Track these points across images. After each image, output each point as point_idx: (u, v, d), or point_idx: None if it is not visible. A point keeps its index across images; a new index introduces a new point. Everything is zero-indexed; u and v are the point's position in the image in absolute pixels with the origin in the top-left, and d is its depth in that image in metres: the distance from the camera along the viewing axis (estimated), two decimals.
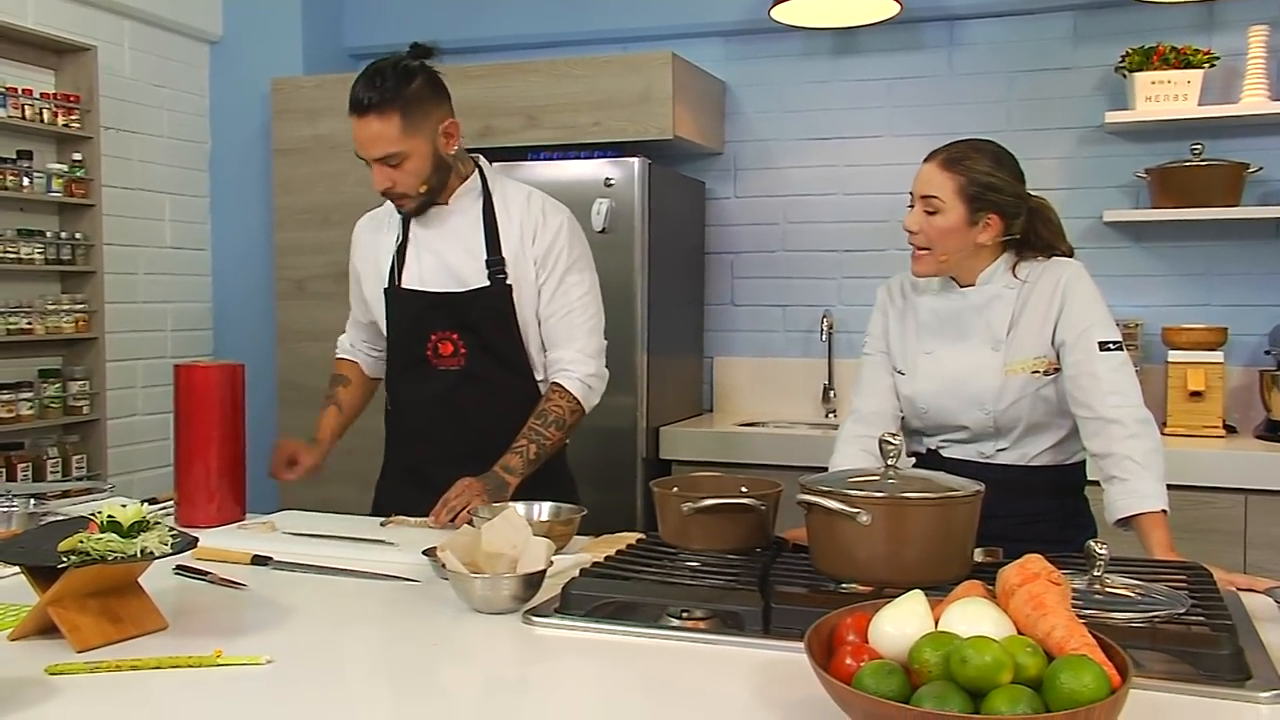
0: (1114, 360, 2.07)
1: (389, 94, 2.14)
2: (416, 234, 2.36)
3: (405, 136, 2.18)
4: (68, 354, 3.82)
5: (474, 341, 2.31)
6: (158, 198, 4.27)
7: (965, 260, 2.16)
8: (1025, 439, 2.16)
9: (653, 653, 1.47)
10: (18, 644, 1.46)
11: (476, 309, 2.30)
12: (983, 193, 2.12)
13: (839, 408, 4.07)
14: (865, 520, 1.51)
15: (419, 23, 4.48)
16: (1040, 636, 1.10)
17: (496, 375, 2.33)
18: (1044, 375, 2.14)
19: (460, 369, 2.32)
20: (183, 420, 2.23)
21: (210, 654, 1.39)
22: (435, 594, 1.74)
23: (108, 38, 3.98)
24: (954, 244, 2.13)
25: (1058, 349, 2.12)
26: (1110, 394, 2.04)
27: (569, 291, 2.33)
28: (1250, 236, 3.64)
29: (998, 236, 2.14)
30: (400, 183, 2.22)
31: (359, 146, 2.20)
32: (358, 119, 2.17)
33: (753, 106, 4.19)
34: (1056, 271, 2.15)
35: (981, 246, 2.15)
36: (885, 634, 1.16)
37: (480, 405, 2.32)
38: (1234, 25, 3.61)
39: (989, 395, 2.13)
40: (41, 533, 1.53)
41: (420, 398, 2.36)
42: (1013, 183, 2.17)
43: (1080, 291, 2.13)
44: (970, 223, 2.12)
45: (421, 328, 2.33)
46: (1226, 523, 3.16)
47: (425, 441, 2.37)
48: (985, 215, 2.12)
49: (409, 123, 2.18)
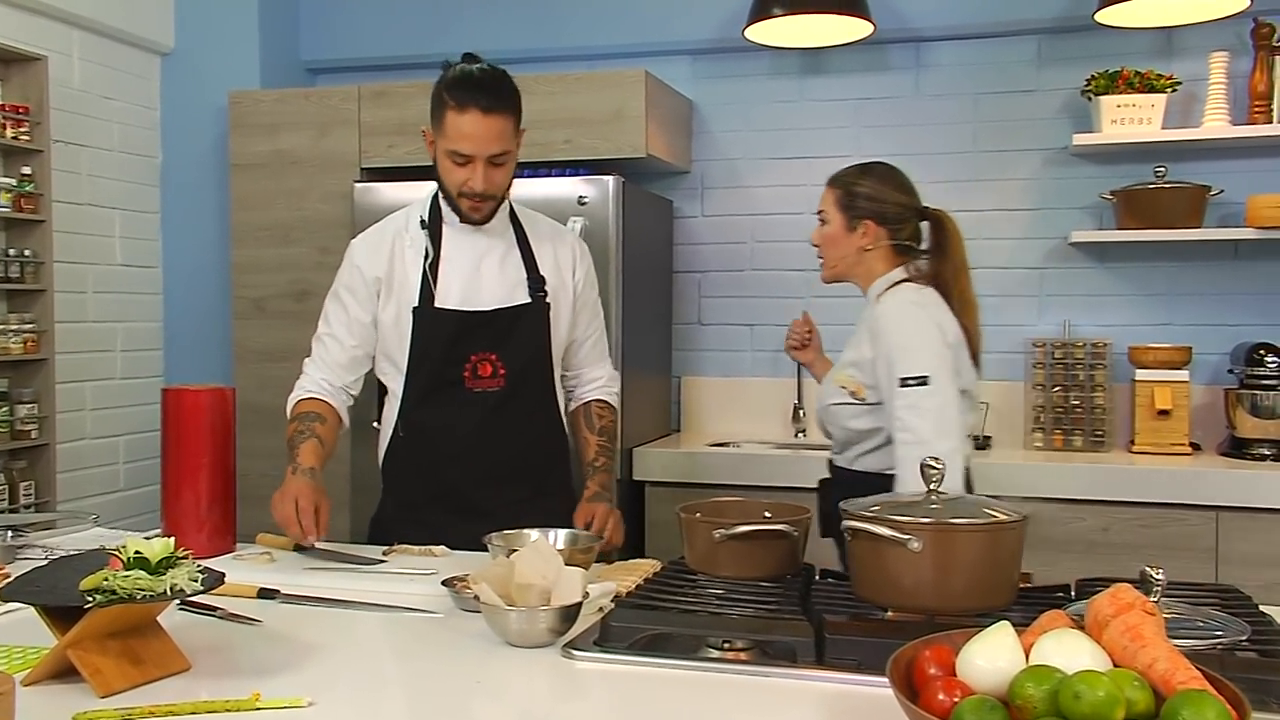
0: (911, 397, 2.18)
1: (508, 94, 2.21)
2: (450, 252, 2.30)
3: (515, 135, 2.24)
4: (14, 376, 3.66)
5: (514, 362, 2.29)
6: (108, 213, 4.13)
7: (856, 267, 2.41)
8: (848, 446, 2.39)
9: (702, 686, 1.43)
10: (33, 689, 1.37)
11: (519, 327, 2.30)
12: (854, 201, 2.38)
13: (808, 427, 4.06)
14: (917, 547, 1.48)
15: (378, 36, 4.41)
16: (1141, 669, 1.08)
17: (532, 395, 2.34)
18: (850, 395, 2.33)
19: (499, 390, 2.29)
20: (170, 446, 2.14)
21: (248, 697, 1.32)
22: (459, 627, 1.68)
23: (57, 48, 3.84)
24: (839, 250, 2.41)
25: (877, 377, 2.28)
26: (900, 431, 2.19)
27: (598, 316, 2.50)
28: (1211, 257, 3.72)
29: (878, 241, 2.37)
30: (499, 184, 2.25)
31: (469, 143, 2.18)
32: (480, 115, 2.15)
33: (720, 125, 4.18)
34: (888, 301, 2.32)
35: (865, 251, 2.37)
36: (977, 667, 1.13)
37: (521, 425, 2.31)
38: (1192, 51, 3.69)
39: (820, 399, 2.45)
40: (55, 569, 1.44)
41: (452, 421, 2.29)
42: (891, 192, 2.39)
43: (893, 326, 2.27)
44: (849, 229, 2.37)
45: (459, 348, 2.27)
46: (1198, 539, 3.21)
47: (462, 465, 2.30)
48: (861, 222, 2.36)
49: (518, 123, 2.25)
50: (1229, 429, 3.55)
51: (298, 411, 2.31)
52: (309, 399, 2.32)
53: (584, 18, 4.20)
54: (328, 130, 3.97)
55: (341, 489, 3.53)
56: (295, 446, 2.23)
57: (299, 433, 2.26)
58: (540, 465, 2.28)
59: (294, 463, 2.19)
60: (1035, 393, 3.76)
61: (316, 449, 2.23)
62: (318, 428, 2.27)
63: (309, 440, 2.24)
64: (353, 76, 4.30)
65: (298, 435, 2.25)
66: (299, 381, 2.38)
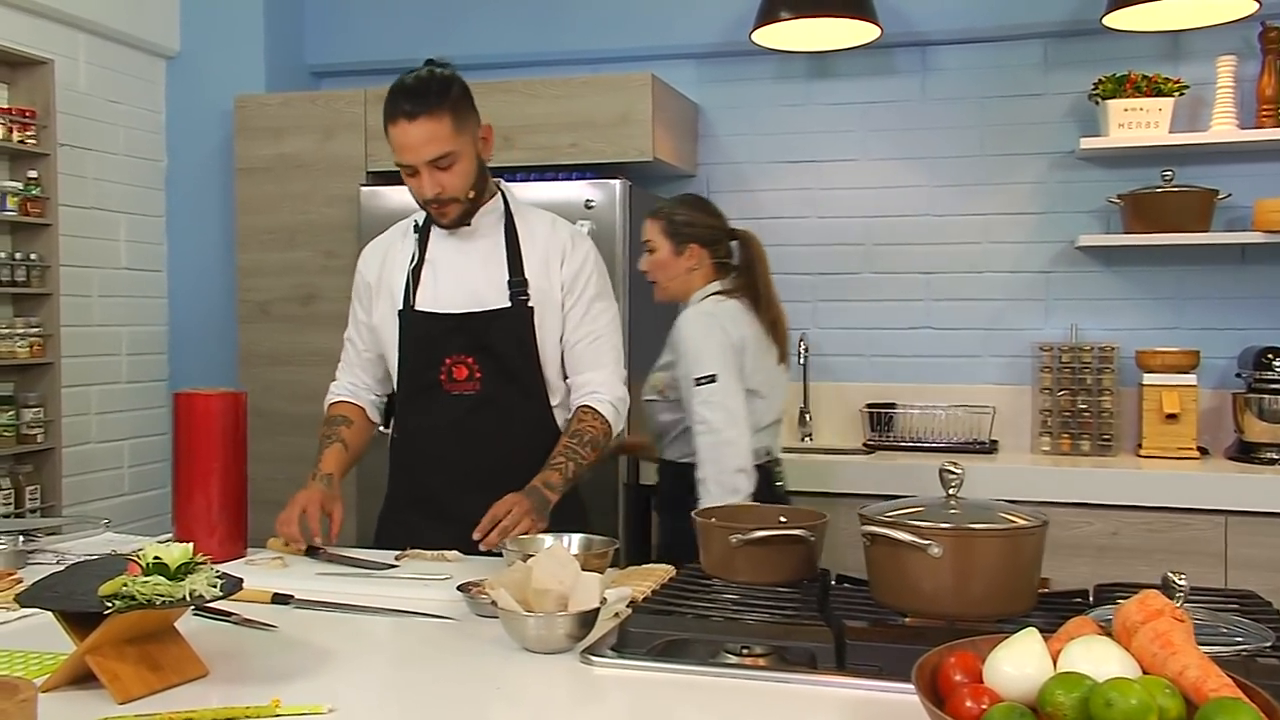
0: (703, 394, 2.63)
1: (436, 96, 2.14)
2: (434, 255, 2.30)
3: (456, 135, 2.16)
4: (20, 380, 3.65)
5: (490, 365, 2.25)
6: (113, 217, 4.13)
7: (685, 286, 2.85)
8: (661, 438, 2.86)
9: (721, 692, 1.42)
10: (52, 695, 1.36)
11: (495, 330, 2.24)
12: (678, 228, 2.83)
13: (814, 431, 4.06)
14: (937, 552, 1.48)
15: (383, 40, 4.41)
16: (1171, 676, 1.07)
17: (512, 400, 2.26)
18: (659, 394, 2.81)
19: (475, 394, 2.25)
20: (183, 450, 2.13)
21: (268, 704, 1.32)
22: (474, 632, 1.67)
23: (63, 51, 3.84)
24: (669, 273, 2.85)
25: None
26: (697, 423, 2.64)
27: (597, 318, 2.32)
28: (1219, 261, 3.72)
29: (702, 261, 2.83)
30: (449, 186, 2.19)
31: (406, 153, 2.15)
32: (407, 124, 2.13)
33: (726, 129, 4.18)
34: (687, 312, 2.77)
35: (692, 271, 2.83)
36: (1004, 674, 1.12)
37: (495, 431, 2.25)
38: (1199, 55, 3.69)
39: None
40: (73, 575, 1.43)
41: (431, 424, 2.28)
42: (706, 217, 2.87)
43: (688, 333, 2.70)
44: (677, 253, 2.83)
45: (435, 351, 2.26)
46: (1207, 544, 3.21)
47: (437, 469, 2.29)
48: (687, 246, 2.82)
49: (458, 122, 2.17)
50: (1237, 433, 3.55)
51: (327, 415, 2.40)
52: (338, 402, 2.42)
53: (589, 21, 4.20)
54: (333, 134, 3.97)
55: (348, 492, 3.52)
56: (319, 452, 2.31)
57: (325, 438, 2.34)
58: (519, 472, 2.15)
59: (315, 469, 2.27)
60: (1042, 396, 3.76)
61: (339, 454, 2.31)
62: (343, 431, 2.35)
63: (333, 445, 2.33)
64: (358, 80, 4.30)
65: (323, 440, 2.34)
66: (331, 384, 2.48)
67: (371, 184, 3.84)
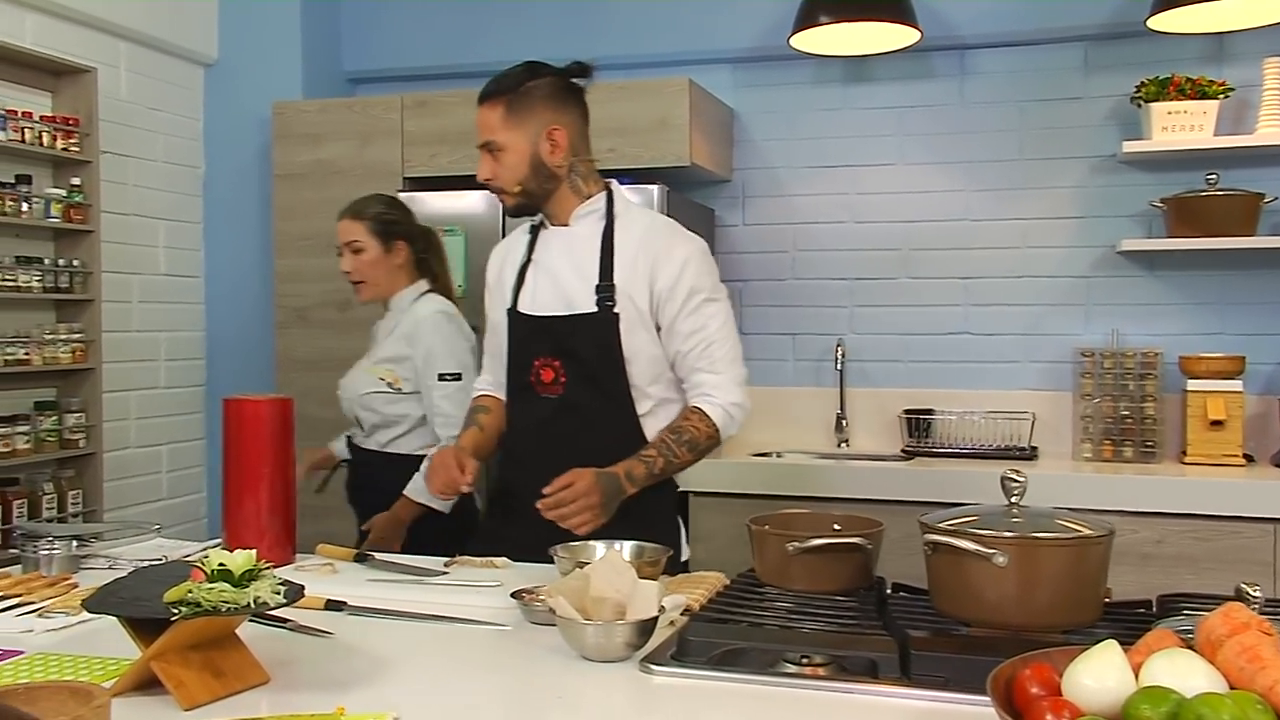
0: (448, 389, 2.81)
1: (502, 85, 2.18)
2: (539, 256, 2.30)
3: (505, 128, 2.17)
4: (63, 385, 3.68)
5: (575, 370, 2.22)
6: (152, 223, 4.15)
7: (391, 284, 2.96)
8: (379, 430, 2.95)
9: (782, 702, 1.40)
10: (118, 701, 1.36)
11: (580, 335, 2.21)
12: (386, 226, 2.94)
13: (851, 437, 4.04)
14: (1002, 562, 1.46)
15: (420, 46, 4.42)
16: (1261, 691, 1.05)
17: (595, 405, 2.22)
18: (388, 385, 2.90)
19: (558, 397, 2.24)
20: (231, 455, 2.13)
21: (333, 711, 1.31)
22: (529, 639, 1.66)
23: (104, 59, 3.86)
24: (378, 271, 2.94)
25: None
26: (438, 415, 2.82)
27: (707, 324, 2.22)
28: (1264, 266, 3.68)
29: (407, 258, 2.96)
30: (497, 175, 2.22)
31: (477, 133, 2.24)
32: (478, 106, 2.21)
33: (762, 134, 4.16)
34: (423, 309, 2.90)
35: (398, 268, 2.95)
36: (1085, 687, 1.10)
37: (576, 435, 2.22)
38: (1244, 57, 3.65)
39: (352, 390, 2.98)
40: (136, 581, 1.43)
41: (522, 424, 2.29)
42: (406, 215, 3.01)
43: (431, 330, 2.86)
44: (385, 250, 2.93)
45: (527, 353, 2.26)
46: (1254, 552, 3.16)
47: (523, 468, 2.27)
48: (395, 242, 2.94)
49: (513, 115, 2.17)
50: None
51: (470, 406, 2.47)
52: (478, 395, 2.48)
53: (626, 26, 4.20)
54: (370, 140, 3.98)
55: None
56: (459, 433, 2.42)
57: (465, 425, 2.41)
58: None
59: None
60: (1083, 403, 3.72)
61: (474, 434, 2.35)
62: (480, 417, 2.39)
63: (469, 428, 2.38)
64: (394, 86, 4.31)
65: (464, 427, 2.40)
66: (477, 379, 2.55)
67: (408, 190, 3.84)
